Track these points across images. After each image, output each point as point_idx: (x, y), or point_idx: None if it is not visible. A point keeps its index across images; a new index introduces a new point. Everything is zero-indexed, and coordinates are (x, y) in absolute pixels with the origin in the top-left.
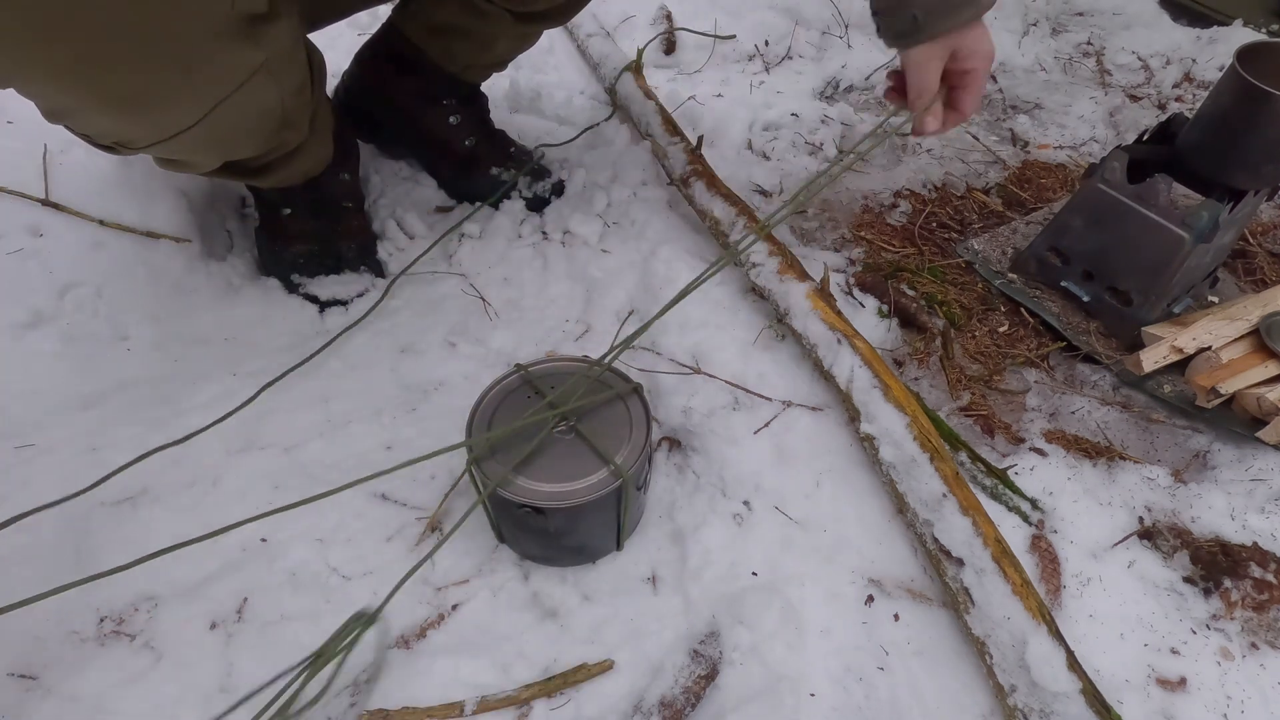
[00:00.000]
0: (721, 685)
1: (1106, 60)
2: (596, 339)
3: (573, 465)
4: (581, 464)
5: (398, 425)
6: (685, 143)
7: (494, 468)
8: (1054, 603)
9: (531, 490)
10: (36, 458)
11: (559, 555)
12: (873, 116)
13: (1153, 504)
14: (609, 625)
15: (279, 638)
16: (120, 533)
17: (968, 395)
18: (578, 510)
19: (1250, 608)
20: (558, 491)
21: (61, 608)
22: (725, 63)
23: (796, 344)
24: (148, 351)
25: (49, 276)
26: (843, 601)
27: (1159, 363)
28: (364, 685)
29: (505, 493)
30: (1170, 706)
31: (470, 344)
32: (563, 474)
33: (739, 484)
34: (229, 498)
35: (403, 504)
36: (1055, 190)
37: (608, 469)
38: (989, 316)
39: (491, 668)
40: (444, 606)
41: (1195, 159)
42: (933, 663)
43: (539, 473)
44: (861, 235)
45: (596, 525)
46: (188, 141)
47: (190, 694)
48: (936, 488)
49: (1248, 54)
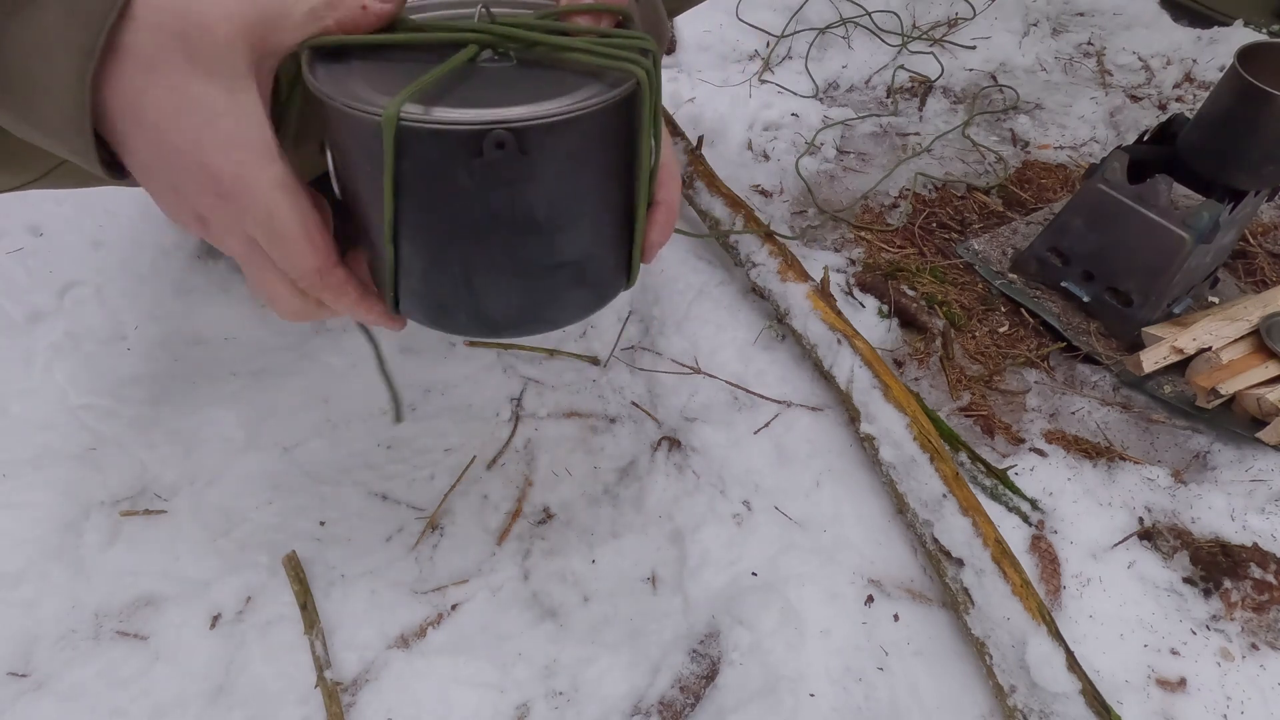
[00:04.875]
0: (721, 685)
1: (1107, 60)
2: (597, 339)
3: (521, 91)
4: (535, 88)
5: (398, 425)
6: (685, 143)
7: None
8: (1054, 603)
9: (486, 114)
10: (36, 457)
11: (539, 289)
12: (874, 117)
13: (1153, 504)
14: (609, 625)
15: (280, 637)
16: (119, 532)
17: (968, 395)
18: (575, 140)
19: (1250, 608)
20: (539, 110)
21: (60, 606)
22: (725, 63)
23: (796, 344)
24: (148, 351)
25: (49, 276)
26: (843, 601)
27: (1159, 363)
28: (363, 685)
29: (440, 122)
30: (1170, 707)
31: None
32: (513, 98)
33: (739, 484)
34: (229, 497)
35: (403, 503)
36: (1055, 190)
37: (596, 85)
38: (989, 317)
39: (491, 668)
40: (444, 606)
41: (1196, 159)
42: (932, 663)
43: (476, 96)
44: (861, 235)
45: (594, 192)
46: (49, 183)
47: (190, 694)
48: (936, 488)
49: (1248, 54)
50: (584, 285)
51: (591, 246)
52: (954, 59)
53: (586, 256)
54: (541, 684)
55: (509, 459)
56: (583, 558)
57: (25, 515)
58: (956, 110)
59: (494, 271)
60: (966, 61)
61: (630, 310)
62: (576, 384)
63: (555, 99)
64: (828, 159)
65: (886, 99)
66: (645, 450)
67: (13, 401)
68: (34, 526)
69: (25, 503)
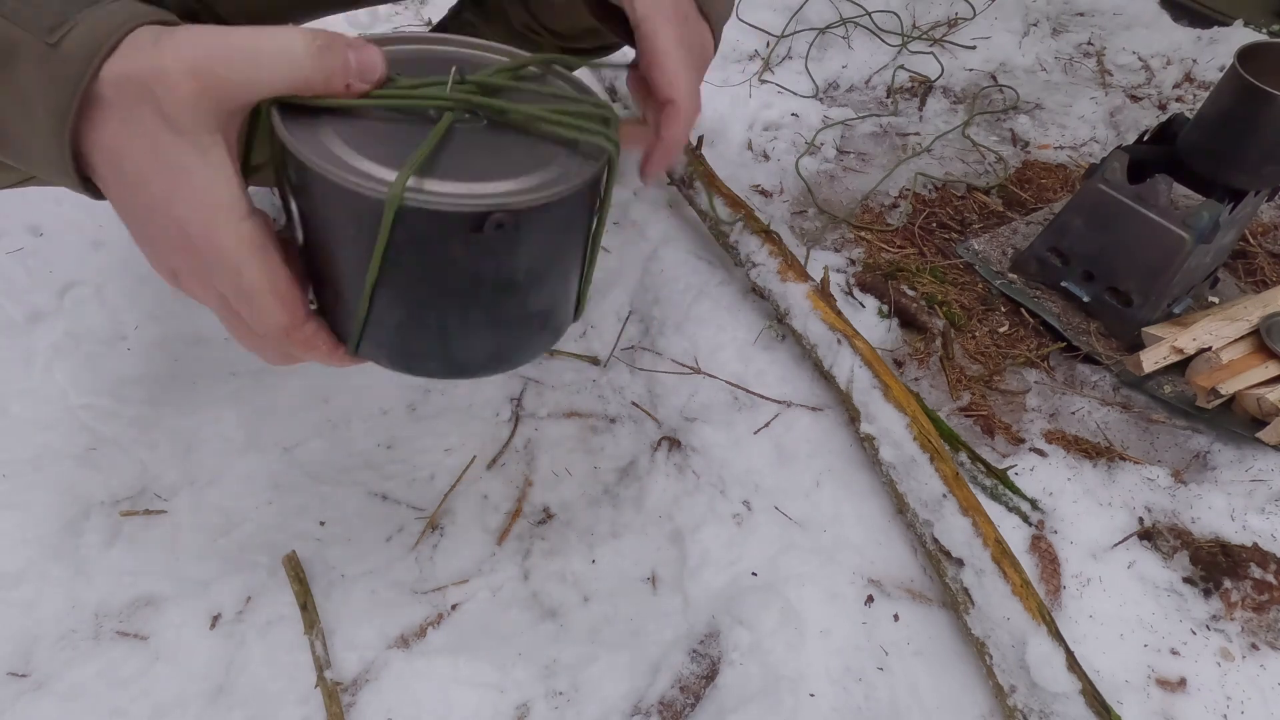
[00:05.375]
0: (721, 685)
1: (1107, 60)
2: (598, 339)
3: (500, 160)
4: (513, 158)
5: (398, 424)
6: (685, 142)
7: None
8: (1054, 603)
9: (481, 192)
10: (36, 457)
11: (508, 337)
12: (874, 117)
13: (1153, 504)
14: (609, 625)
15: (280, 637)
16: (119, 532)
17: (968, 395)
18: (561, 214)
19: (1250, 608)
20: (524, 188)
21: (60, 606)
22: (725, 63)
23: (796, 344)
24: (148, 351)
25: (49, 275)
26: (842, 601)
27: (1159, 363)
28: (363, 685)
29: (443, 200)
30: (1170, 707)
31: None
32: (497, 170)
33: (739, 484)
34: (229, 497)
35: (403, 503)
36: (1055, 190)
37: (567, 155)
38: (989, 316)
39: (491, 668)
40: (444, 606)
41: (1196, 159)
42: (932, 663)
43: (463, 167)
44: (861, 235)
45: (569, 253)
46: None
47: (190, 694)
48: (936, 488)
49: (1248, 54)
50: (547, 329)
51: (558, 294)
52: (954, 59)
53: (553, 304)
54: (541, 684)
55: (509, 459)
56: (583, 558)
57: (25, 515)
58: (956, 110)
59: (470, 326)
60: (966, 61)
61: (630, 310)
62: (576, 384)
63: (539, 173)
64: (828, 159)
65: (886, 99)
66: (645, 450)
67: (13, 401)
68: (34, 526)
69: (25, 503)
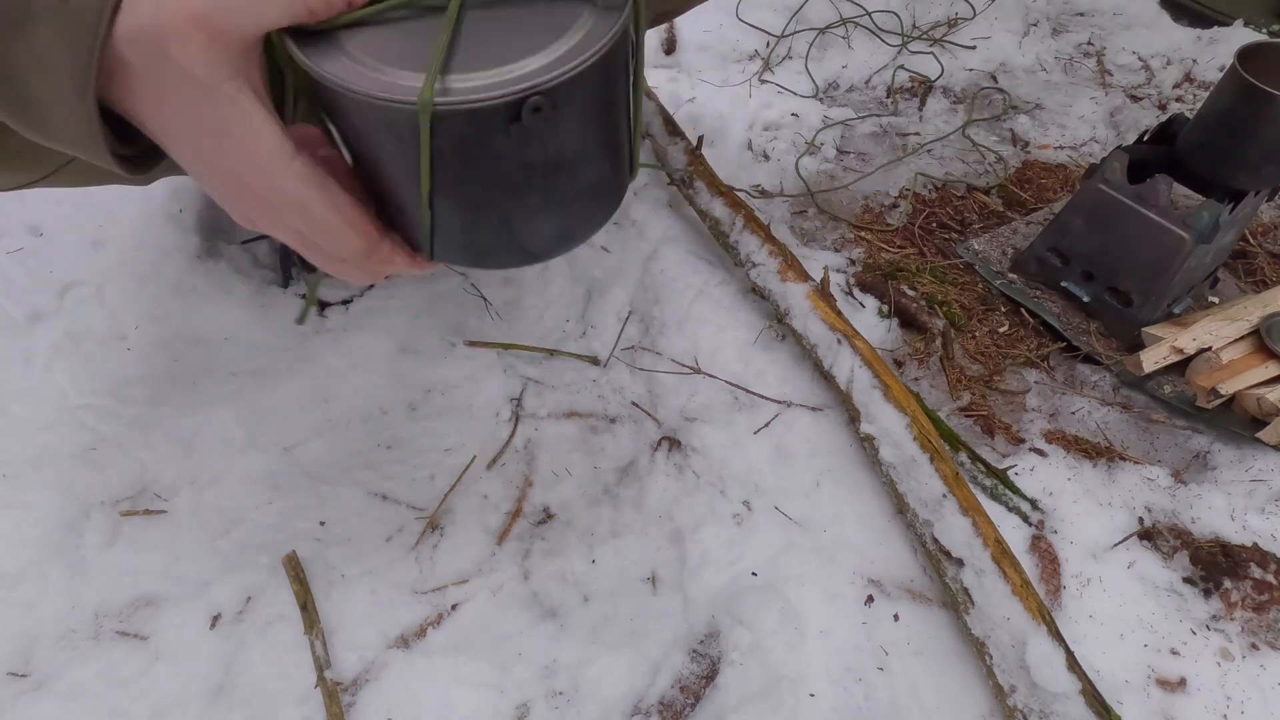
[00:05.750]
0: (721, 685)
1: (1107, 60)
2: (597, 339)
3: (522, 34)
4: (534, 29)
5: (398, 424)
6: (685, 143)
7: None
8: (1054, 603)
9: (512, 76)
10: (36, 457)
11: (571, 215)
12: (874, 117)
13: (1153, 504)
14: (609, 625)
15: (280, 637)
16: (119, 532)
17: (968, 395)
18: (597, 79)
19: (1250, 608)
20: (554, 60)
21: (60, 606)
22: (725, 63)
23: (796, 344)
24: (148, 351)
25: (49, 275)
26: (842, 601)
27: (1159, 363)
28: (363, 685)
29: (476, 96)
30: (1170, 707)
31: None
32: (522, 46)
33: (739, 484)
34: (229, 497)
35: (403, 503)
36: (1055, 190)
37: (588, 10)
38: (989, 316)
39: (491, 668)
40: (443, 606)
41: (1196, 159)
42: (932, 663)
43: (483, 54)
44: (861, 235)
45: (614, 115)
46: (53, 183)
47: (190, 694)
48: (936, 488)
49: (1248, 54)
50: (606, 198)
51: (609, 163)
52: (954, 59)
53: (606, 173)
54: (541, 684)
55: (509, 459)
56: (583, 558)
57: (25, 515)
58: (956, 110)
59: (531, 212)
60: (966, 61)
61: (630, 310)
62: (576, 384)
63: (564, 39)
64: (828, 159)
65: (886, 99)
66: (645, 450)
67: (13, 401)
68: (34, 526)
69: (25, 503)
